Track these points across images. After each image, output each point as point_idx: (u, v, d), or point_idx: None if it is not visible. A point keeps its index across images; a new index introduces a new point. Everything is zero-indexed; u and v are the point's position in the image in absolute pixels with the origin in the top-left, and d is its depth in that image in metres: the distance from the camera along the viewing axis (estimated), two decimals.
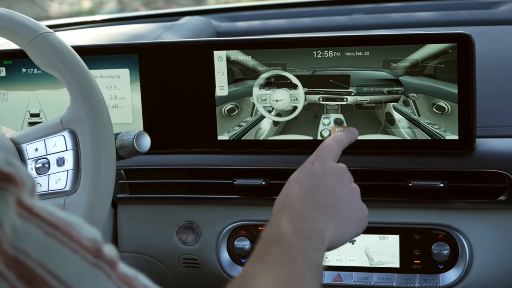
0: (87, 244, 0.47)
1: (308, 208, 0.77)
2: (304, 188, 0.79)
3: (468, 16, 1.56)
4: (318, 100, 1.06)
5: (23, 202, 0.45)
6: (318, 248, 0.73)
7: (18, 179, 0.45)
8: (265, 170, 1.09)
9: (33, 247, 0.44)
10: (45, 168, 0.91)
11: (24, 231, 0.44)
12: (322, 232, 0.75)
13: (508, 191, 1.01)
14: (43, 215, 0.46)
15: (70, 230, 0.46)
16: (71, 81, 0.87)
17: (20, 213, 0.44)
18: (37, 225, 0.45)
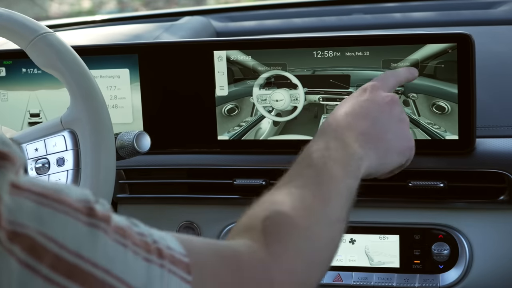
0: (79, 206, 0.48)
1: (348, 134, 0.77)
2: (349, 114, 0.79)
3: (468, 16, 1.56)
4: (318, 100, 1.06)
5: (12, 180, 0.46)
6: (352, 175, 0.73)
7: (12, 157, 0.46)
8: (265, 170, 1.09)
9: (27, 218, 0.45)
10: (45, 168, 0.91)
11: (15, 205, 0.45)
12: (360, 159, 0.75)
13: (508, 191, 1.01)
14: (31, 187, 0.47)
15: (59, 196, 0.48)
16: (71, 81, 0.87)
17: (10, 191, 0.46)
18: (27, 198, 0.46)
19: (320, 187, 0.69)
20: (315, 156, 0.73)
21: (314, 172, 0.71)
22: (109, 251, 0.49)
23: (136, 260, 0.51)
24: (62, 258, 0.46)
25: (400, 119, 0.83)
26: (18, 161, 0.47)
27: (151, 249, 0.53)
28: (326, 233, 0.68)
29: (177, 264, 0.54)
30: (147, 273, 0.51)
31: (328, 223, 0.69)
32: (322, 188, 0.69)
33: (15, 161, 0.47)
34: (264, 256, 0.61)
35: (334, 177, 0.71)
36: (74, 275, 0.46)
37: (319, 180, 0.70)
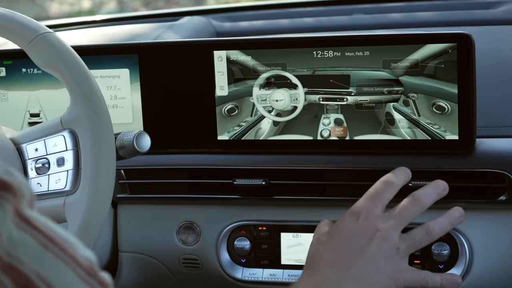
0: (82, 262, 0.47)
1: (341, 276, 0.74)
2: (340, 251, 0.76)
3: (468, 16, 1.56)
4: (318, 100, 1.06)
5: (21, 212, 0.45)
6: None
7: (16, 188, 0.45)
8: (265, 170, 1.09)
9: (28, 257, 0.44)
10: (45, 168, 0.91)
11: (20, 240, 0.44)
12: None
13: (508, 191, 1.01)
14: (41, 227, 0.46)
15: (66, 246, 0.47)
16: (71, 81, 0.87)
17: (17, 223, 0.44)
18: (33, 236, 0.45)
19: None
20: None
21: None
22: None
23: None
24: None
25: (388, 257, 0.78)
26: (24, 193, 0.46)
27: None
28: None
29: None
30: None
31: None
32: None
33: (18, 192, 0.45)
34: None
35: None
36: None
37: None
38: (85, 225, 0.85)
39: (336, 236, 0.78)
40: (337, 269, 0.74)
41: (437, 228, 0.80)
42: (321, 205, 1.09)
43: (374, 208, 0.78)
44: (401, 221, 0.78)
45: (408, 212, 0.79)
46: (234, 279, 1.12)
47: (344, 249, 0.76)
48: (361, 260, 0.75)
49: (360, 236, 0.76)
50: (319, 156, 1.07)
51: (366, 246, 0.75)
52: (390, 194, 0.81)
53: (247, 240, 1.12)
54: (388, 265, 0.76)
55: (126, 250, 1.19)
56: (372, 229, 0.77)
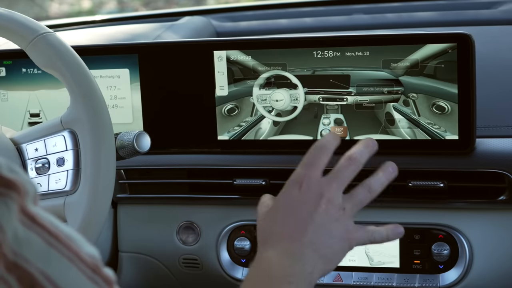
0: (86, 259, 0.47)
1: (295, 245, 0.74)
2: (290, 222, 0.76)
3: (468, 16, 1.56)
4: (318, 100, 1.06)
5: (27, 210, 0.45)
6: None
7: (20, 186, 0.45)
8: (265, 170, 1.09)
9: (33, 255, 0.44)
10: (45, 168, 0.91)
11: (25, 238, 0.44)
12: (310, 274, 0.73)
13: (508, 191, 1.01)
14: (46, 225, 0.46)
15: (70, 243, 0.47)
16: (71, 81, 0.87)
17: (23, 221, 0.45)
18: (38, 234, 0.45)
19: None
20: (266, 277, 0.72)
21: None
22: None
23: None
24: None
25: (337, 219, 0.77)
26: (31, 190, 0.46)
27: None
28: None
29: None
30: None
31: None
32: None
33: (23, 190, 0.45)
34: None
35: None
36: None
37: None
38: (85, 225, 0.85)
39: (283, 208, 0.78)
40: (291, 240, 0.75)
41: (376, 184, 0.81)
42: None
43: (313, 174, 0.78)
44: (342, 182, 0.79)
45: (346, 172, 0.79)
46: (234, 279, 1.12)
47: (294, 219, 0.76)
48: (312, 227, 0.75)
49: (307, 203, 0.76)
50: None
51: (314, 212, 0.76)
52: (326, 159, 0.80)
53: (247, 240, 1.12)
54: (338, 226, 0.77)
55: (126, 250, 1.19)
56: (317, 195, 0.77)
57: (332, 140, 0.82)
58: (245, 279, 0.74)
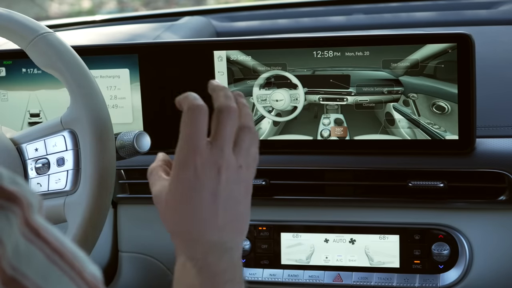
0: (88, 279, 0.46)
1: (216, 238, 0.68)
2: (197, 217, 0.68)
3: (468, 16, 1.56)
4: (318, 100, 1.06)
5: (31, 222, 0.44)
6: (239, 280, 0.67)
7: (23, 198, 0.44)
8: (265, 170, 1.09)
9: (33, 271, 0.43)
10: (45, 168, 0.91)
11: (26, 252, 0.43)
12: (234, 250, 0.68)
13: (508, 191, 1.01)
14: (49, 239, 0.44)
15: (73, 261, 0.45)
16: (71, 81, 0.87)
17: (25, 234, 0.43)
18: (40, 249, 0.44)
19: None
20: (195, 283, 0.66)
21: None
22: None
23: None
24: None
25: (238, 182, 0.70)
26: (31, 202, 0.44)
27: None
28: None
29: None
30: None
31: None
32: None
33: (25, 202, 0.44)
34: None
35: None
36: None
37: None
38: (85, 225, 0.85)
39: (183, 199, 0.68)
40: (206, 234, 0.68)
41: (248, 120, 0.73)
42: (321, 205, 1.09)
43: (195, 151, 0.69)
44: (225, 142, 0.70)
45: (225, 127, 0.70)
46: None
47: (201, 210, 0.68)
48: (223, 204, 0.68)
49: (205, 186, 0.68)
50: (319, 156, 1.07)
51: (217, 190, 0.68)
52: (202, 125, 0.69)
53: (247, 240, 1.12)
54: (241, 189, 0.71)
55: (126, 250, 1.19)
56: (212, 170, 0.69)
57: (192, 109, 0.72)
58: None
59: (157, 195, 0.71)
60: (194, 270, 0.66)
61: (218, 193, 0.68)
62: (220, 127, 0.70)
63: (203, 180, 0.68)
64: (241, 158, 0.71)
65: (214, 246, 0.68)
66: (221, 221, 0.68)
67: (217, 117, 0.72)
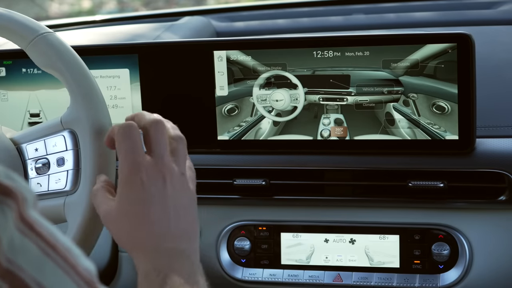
0: (82, 272, 0.46)
1: (170, 247, 0.68)
2: (148, 228, 0.69)
3: (468, 16, 1.56)
4: (318, 100, 1.06)
5: (25, 217, 0.44)
6: (199, 273, 0.69)
7: (18, 193, 0.44)
8: (265, 170, 1.09)
9: (28, 263, 0.43)
10: (45, 168, 0.91)
11: (21, 246, 0.43)
12: (192, 255, 0.69)
13: (508, 191, 1.01)
14: (44, 234, 0.45)
15: (67, 255, 0.46)
16: (71, 81, 0.87)
17: (20, 228, 0.44)
18: (35, 242, 0.44)
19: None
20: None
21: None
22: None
23: None
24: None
25: (184, 189, 0.71)
26: (26, 197, 0.45)
27: None
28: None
29: None
30: None
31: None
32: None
33: (21, 197, 0.44)
34: None
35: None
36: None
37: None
38: (85, 225, 0.85)
39: (135, 216, 0.69)
40: (160, 246, 0.68)
41: (176, 131, 0.75)
42: (321, 205, 1.09)
43: (141, 160, 0.70)
44: (163, 150, 0.70)
45: (161, 137, 0.72)
46: (234, 279, 1.12)
47: (150, 221, 0.68)
48: (174, 213, 0.69)
49: (153, 196, 0.69)
50: (319, 156, 1.08)
51: (164, 198, 0.69)
52: (133, 139, 0.71)
53: (247, 240, 1.12)
54: (188, 194, 0.71)
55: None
56: (159, 177, 0.69)
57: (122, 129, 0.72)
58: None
59: (106, 216, 0.71)
60: (158, 279, 0.66)
61: (167, 203, 0.69)
62: (155, 137, 0.71)
63: (151, 192, 0.68)
64: (181, 166, 0.72)
65: (174, 254, 0.68)
66: (174, 229, 0.69)
67: (148, 132, 0.72)
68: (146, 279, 0.68)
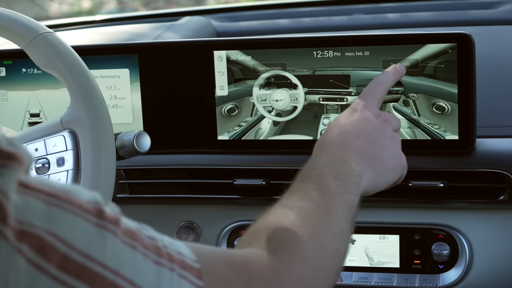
0: (88, 207, 0.48)
1: (346, 152, 0.78)
2: (344, 133, 0.81)
3: (468, 16, 1.56)
4: (318, 100, 1.06)
5: (19, 179, 0.46)
6: (352, 190, 0.75)
7: (20, 157, 0.46)
8: (265, 170, 1.09)
9: (36, 218, 0.45)
10: (45, 168, 0.91)
11: (24, 205, 0.45)
12: (359, 176, 0.77)
13: (508, 191, 1.01)
14: (41, 187, 0.47)
15: (70, 197, 0.48)
16: (71, 81, 0.87)
17: (18, 190, 0.45)
18: (36, 197, 0.46)
19: (322, 201, 0.71)
20: (315, 172, 0.75)
21: (315, 187, 0.73)
22: (118, 252, 0.49)
23: (146, 263, 0.51)
24: (71, 258, 0.45)
25: (392, 138, 0.85)
26: (27, 160, 0.47)
27: (161, 253, 0.53)
28: (330, 242, 0.69)
29: (188, 269, 0.54)
30: (157, 276, 0.51)
31: (332, 233, 0.70)
32: (324, 202, 0.71)
33: (23, 161, 0.47)
34: (273, 263, 0.61)
35: (335, 192, 0.73)
36: (82, 276, 0.46)
37: (320, 194, 0.72)
38: None
39: (340, 124, 0.82)
40: (342, 147, 0.79)
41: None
42: None
43: (369, 104, 0.85)
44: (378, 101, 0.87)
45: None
46: None
47: (348, 131, 0.81)
48: (365, 139, 0.81)
49: (363, 120, 0.82)
50: None
51: (371, 128, 0.82)
52: (382, 93, 0.89)
53: None
54: (391, 144, 0.84)
55: None
56: (374, 115, 0.84)
57: (391, 75, 0.91)
58: (296, 178, 0.76)
59: None
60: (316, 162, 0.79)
61: (368, 131, 0.83)
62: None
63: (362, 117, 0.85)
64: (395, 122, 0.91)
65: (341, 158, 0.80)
66: (357, 148, 0.81)
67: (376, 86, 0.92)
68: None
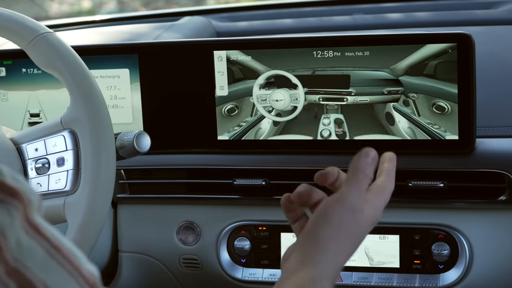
0: (86, 275, 0.48)
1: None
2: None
3: (468, 16, 1.56)
4: (318, 100, 1.06)
5: (31, 219, 0.46)
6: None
7: (23, 195, 0.45)
8: (265, 170, 1.09)
9: (34, 263, 0.45)
10: (45, 168, 0.91)
11: (28, 246, 0.45)
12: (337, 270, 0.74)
13: (508, 191, 1.01)
14: (49, 236, 0.46)
15: (72, 257, 0.47)
16: (71, 81, 0.87)
17: (26, 229, 0.45)
18: (41, 244, 0.45)
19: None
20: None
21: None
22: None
23: None
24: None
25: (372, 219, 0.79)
26: (32, 199, 0.46)
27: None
28: None
29: None
30: None
31: None
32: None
33: (26, 199, 0.46)
34: None
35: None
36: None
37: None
38: (85, 225, 0.85)
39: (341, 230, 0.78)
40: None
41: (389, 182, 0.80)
42: None
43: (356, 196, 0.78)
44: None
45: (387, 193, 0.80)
46: (234, 279, 1.13)
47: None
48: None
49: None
50: (319, 156, 1.07)
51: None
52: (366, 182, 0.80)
53: (247, 240, 1.12)
54: None
55: (126, 250, 1.19)
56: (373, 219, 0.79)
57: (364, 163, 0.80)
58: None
59: None
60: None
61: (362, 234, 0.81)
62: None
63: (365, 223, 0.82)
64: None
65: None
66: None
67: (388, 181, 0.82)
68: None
